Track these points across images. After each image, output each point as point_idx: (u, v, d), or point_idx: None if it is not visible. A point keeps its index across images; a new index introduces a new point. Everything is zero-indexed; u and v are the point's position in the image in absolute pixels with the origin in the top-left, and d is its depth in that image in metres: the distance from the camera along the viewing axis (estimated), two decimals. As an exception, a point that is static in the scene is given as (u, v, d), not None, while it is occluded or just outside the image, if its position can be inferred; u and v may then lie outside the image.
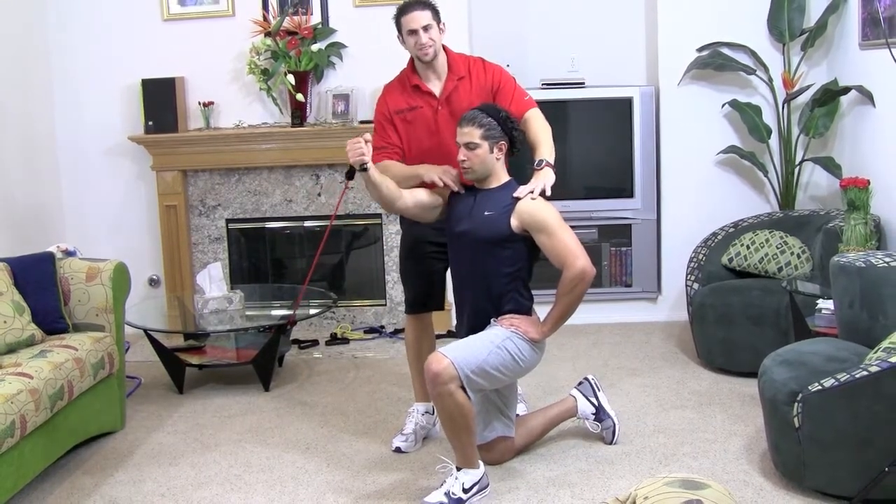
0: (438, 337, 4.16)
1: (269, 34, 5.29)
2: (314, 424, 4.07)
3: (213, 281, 4.77)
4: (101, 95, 5.48)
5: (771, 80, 5.15)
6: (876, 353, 3.11)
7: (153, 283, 5.63)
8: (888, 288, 3.33)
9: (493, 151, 3.32)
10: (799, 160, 5.09)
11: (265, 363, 4.52)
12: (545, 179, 3.32)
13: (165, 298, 5.37)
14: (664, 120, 5.33)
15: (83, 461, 3.78)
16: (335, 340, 5.26)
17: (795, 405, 3.11)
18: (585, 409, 3.72)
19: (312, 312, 4.76)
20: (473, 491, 3.25)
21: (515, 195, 3.30)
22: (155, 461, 3.76)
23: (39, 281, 3.90)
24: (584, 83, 5.38)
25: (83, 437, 3.81)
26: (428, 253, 3.68)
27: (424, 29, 3.48)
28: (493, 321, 3.36)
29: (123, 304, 4.07)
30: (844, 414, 3.02)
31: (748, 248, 4.69)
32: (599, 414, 3.72)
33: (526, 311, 3.39)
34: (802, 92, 5.04)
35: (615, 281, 5.47)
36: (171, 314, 5.07)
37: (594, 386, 3.76)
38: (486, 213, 3.33)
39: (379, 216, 5.40)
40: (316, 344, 5.23)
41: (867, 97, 4.57)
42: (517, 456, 3.60)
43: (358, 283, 5.63)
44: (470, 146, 3.31)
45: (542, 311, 3.43)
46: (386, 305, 5.50)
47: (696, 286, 4.67)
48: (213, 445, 3.90)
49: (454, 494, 3.21)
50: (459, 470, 3.27)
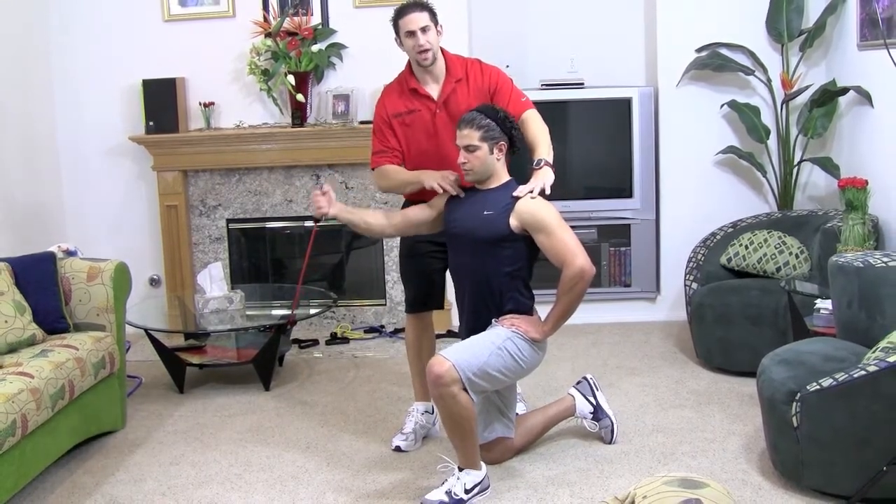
0: (438, 336, 4.15)
1: (269, 35, 5.29)
2: (314, 424, 4.07)
3: (213, 281, 4.76)
4: (101, 96, 5.48)
5: (769, 80, 5.15)
6: (874, 352, 3.11)
7: (154, 282, 5.63)
8: (886, 288, 3.32)
9: (492, 152, 3.32)
10: (797, 160, 5.09)
11: (265, 363, 4.51)
12: (544, 179, 3.32)
13: (166, 298, 5.37)
14: (663, 120, 5.33)
15: (84, 460, 3.78)
16: (335, 340, 5.26)
17: (794, 404, 3.11)
18: (583, 408, 3.72)
19: (312, 312, 4.76)
20: (475, 492, 3.25)
21: (515, 194, 3.30)
22: (155, 460, 3.76)
23: (40, 281, 3.89)
24: (583, 84, 5.39)
25: (84, 436, 3.81)
26: (428, 252, 3.68)
27: (423, 30, 3.47)
28: (493, 321, 3.35)
29: (124, 303, 4.06)
30: (843, 413, 3.02)
31: (747, 248, 4.68)
32: (597, 413, 3.72)
33: (527, 310, 3.38)
34: (801, 92, 5.04)
35: (614, 281, 5.47)
36: (171, 314, 5.07)
37: (592, 385, 3.76)
38: (485, 212, 3.32)
39: (379, 216, 5.39)
40: (316, 343, 5.23)
41: (865, 98, 4.57)
42: (516, 455, 3.60)
43: (358, 282, 5.63)
44: (469, 148, 3.30)
45: (542, 310, 3.43)
46: (386, 305, 5.50)
47: (694, 286, 4.67)
48: (213, 445, 3.89)
49: (455, 495, 3.21)
50: (461, 470, 3.27)
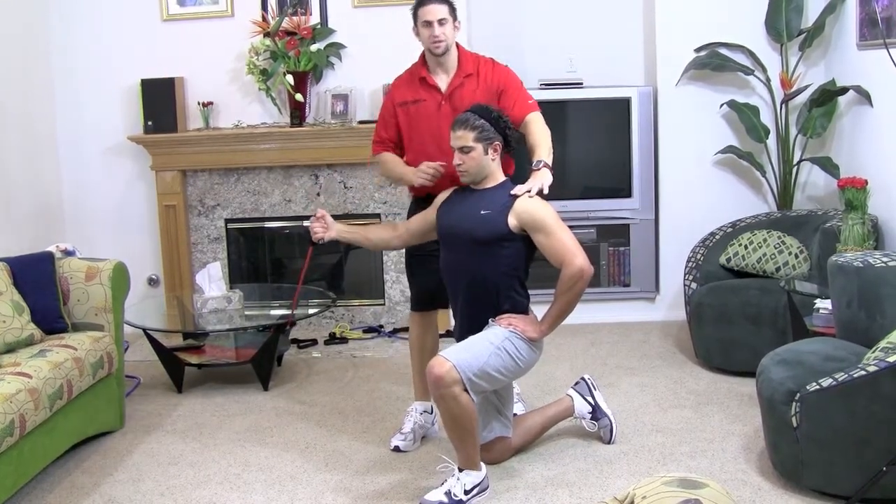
0: (440, 336, 4.13)
1: (268, 34, 5.28)
2: (313, 424, 4.06)
3: (212, 280, 4.76)
4: (100, 95, 5.47)
5: (769, 80, 5.14)
6: (874, 352, 3.10)
7: (152, 282, 5.62)
8: (886, 287, 3.32)
9: (487, 153, 3.32)
10: (797, 160, 5.08)
11: (264, 363, 4.51)
12: (542, 180, 3.32)
13: (164, 298, 5.35)
14: (662, 120, 5.32)
15: (82, 460, 3.77)
16: (334, 340, 5.25)
17: (793, 405, 3.10)
18: (582, 408, 3.72)
19: (311, 312, 4.76)
20: (474, 493, 3.24)
21: (512, 193, 3.30)
22: (154, 460, 3.75)
23: (38, 280, 3.88)
24: (582, 83, 5.38)
25: (82, 436, 3.80)
26: (434, 250, 3.66)
27: (440, 22, 3.52)
28: (490, 321, 3.35)
29: (122, 303, 4.06)
30: (842, 413, 3.01)
31: (746, 247, 4.68)
32: (596, 413, 3.71)
33: (523, 309, 3.38)
34: (800, 92, 5.03)
35: (613, 280, 5.47)
36: (170, 314, 5.06)
37: (590, 385, 3.76)
38: (482, 212, 3.32)
39: (378, 216, 5.39)
40: (315, 343, 5.22)
41: (865, 97, 4.56)
42: (515, 455, 3.59)
43: (357, 282, 5.62)
44: (464, 150, 3.30)
45: (538, 310, 3.42)
46: (385, 305, 5.49)
47: (694, 286, 4.66)
48: (211, 445, 3.89)
49: (455, 496, 3.20)
50: (461, 471, 3.26)
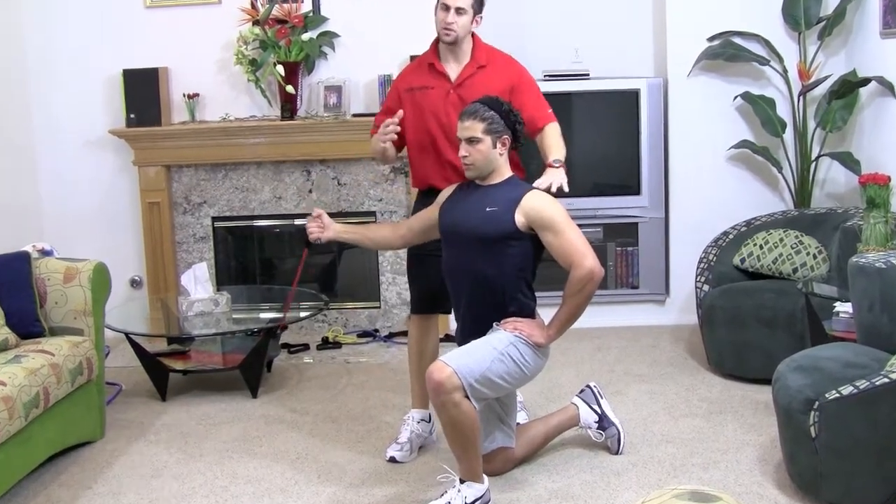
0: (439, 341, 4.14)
1: (257, 22, 5.28)
2: (304, 433, 4.06)
3: (198, 282, 4.75)
4: (80, 86, 5.46)
5: (786, 70, 5.13)
6: (897, 358, 3.10)
7: (135, 284, 5.61)
8: (910, 290, 3.31)
9: (495, 146, 3.32)
10: (815, 155, 5.08)
11: (253, 368, 4.51)
12: (561, 177, 3.36)
13: (148, 300, 5.36)
14: (673, 113, 5.32)
15: (60, 472, 3.76)
16: (327, 344, 5.25)
17: (812, 413, 3.10)
18: (588, 417, 3.72)
19: (303, 315, 4.75)
20: (475, 506, 3.25)
21: (535, 184, 3.33)
22: (136, 472, 3.74)
23: (14, 282, 3.87)
24: (588, 75, 5.38)
25: (60, 447, 3.79)
26: (436, 250, 3.66)
27: (457, 11, 3.55)
28: (495, 325, 3.34)
29: (103, 306, 4.05)
30: (863, 423, 3.00)
31: (761, 248, 4.67)
32: (603, 422, 3.71)
33: (529, 312, 3.38)
34: (819, 83, 5.02)
35: (621, 282, 5.47)
36: (153, 317, 5.05)
37: (596, 393, 3.76)
38: (488, 209, 3.32)
39: (373, 214, 5.39)
40: (306, 348, 5.22)
41: (888, 88, 4.56)
42: (518, 466, 3.59)
43: (351, 284, 5.62)
44: (472, 141, 3.30)
45: (545, 313, 3.41)
46: (380, 308, 5.49)
47: (706, 288, 4.66)
48: (197, 455, 3.88)
49: (455, 509, 3.21)
50: (463, 482, 3.26)
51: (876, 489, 3.01)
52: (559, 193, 3.32)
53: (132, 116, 5.28)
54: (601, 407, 3.72)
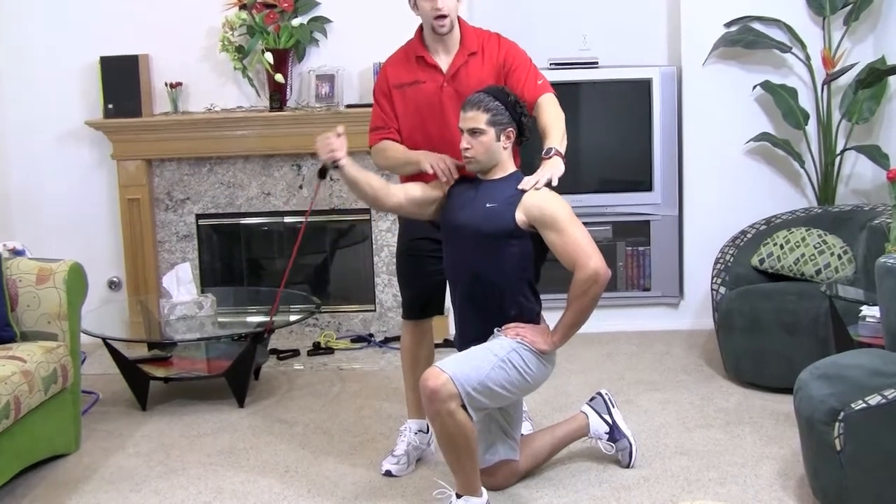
0: (435, 346, 4.13)
1: (244, 7, 5.27)
2: (294, 445, 4.05)
3: (181, 283, 4.75)
4: (54, 74, 5.44)
5: (809, 58, 5.13)
6: (927, 366, 3.09)
7: (113, 285, 5.61)
8: (941, 293, 3.30)
9: (499, 139, 3.32)
10: (840, 149, 5.08)
11: (239, 376, 4.50)
12: (553, 170, 3.31)
13: (127, 303, 5.35)
14: (687, 104, 5.32)
15: (31, 488, 3.75)
16: (318, 350, 5.25)
17: (836, 425, 3.08)
18: (598, 427, 3.71)
19: (293, 319, 4.75)
20: (474, 521, 3.24)
21: (520, 187, 3.30)
22: (114, 487, 3.74)
23: (-17, 283, 3.87)
24: (597, 63, 5.37)
25: (32, 460, 3.78)
26: (428, 251, 3.67)
27: None
28: (496, 331, 3.34)
29: (79, 309, 4.04)
30: (892, 435, 2.99)
31: (782, 247, 4.67)
32: (614, 433, 3.71)
33: (532, 317, 3.38)
34: (845, 72, 5.02)
35: (632, 284, 5.47)
36: (133, 321, 5.05)
37: (608, 402, 3.75)
38: (488, 205, 3.32)
39: (368, 211, 5.38)
40: (297, 354, 5.22)
41: (917, 78, 4.56)
42: (522, 480, 3.58)
43: (344, 286, 5.62)
44: (474, 132, 3.30)
45: (549, 317, 3.41)
46: (375, 311, 5.48)
47: (722, 290, 4.66)
48: (179, 469, 3.87)
49: (452, 525, 3.21)
50: (460, 497, 3.26)
51: (905, 506, 3.01)
52: (549, 187, 3.29)
53: (110, 107, 5.26)
54: (613, 417, 3.72)
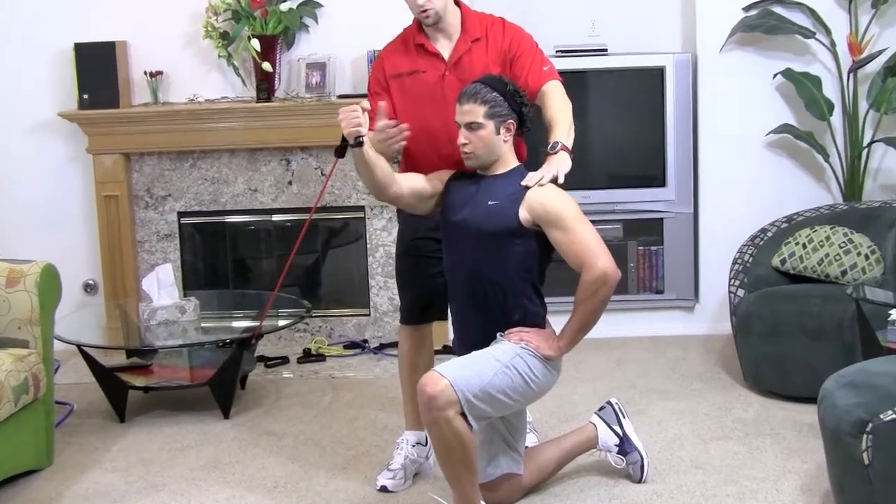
0: (435, 353, 4.13)
1: (229, -10, 5.26)
2: (283, 458, 4.05)
3: (161, 286, 4.75)
4: (25, 62, 5.43)
5: (834, 44, 5.13)
6: (961, 373, 3.08)
7: (89, 289, 5.60)
8: (976, 295, 3.29)
9: (499, 132, 3.32)
10: (867, 141, 5.08)
11: (224, 385, 4.50)
12: (559, 165, 3.31)
13: (104, 307, 5.34)
14: (703, 94, 5.32)
15: (2, 504, 3.75)
16: (309, 357, 5.25)
17: (864, 437, 3.07)
18: (607, 439, 3.71)
19: (282, 324, 4.75)
20: (473, 539, 3.25)
21: (523, 183, 3.29)
22: (89, 504, 3.73)
23: (-51, 286, 3.86)
24: (606, 50, 5.37)
25: (1, 477, 3.76)
26: (428, 251, 3.67)
27: None
28: (499, 335, 3.34)
29: (52, 314, 4.03)
30: (924, 447, 2.98)
31: (805, 247, 4.66)
32: (624, 445, 3.70)
33: (537, 321, 3.38)
34: (873, 58, 5.02)
35: (644, 286, 5.47)
36: (110, 326, 5.05)
37: (618, 412, 3.75)
38: (489, 202, 3.32)
39: (362, 209, 5.38)
40: (286, 362, 5.22)
41: (951, 64, 4.56)
42: (526, 496, 3.58)
43: (336, 288, 5.63)
44: (472, 126, 3.30)
45: (555, 321, 3.40)
46: (370, 315, 5.48)
47: (741, 293, 4.66)
48: (160, 485, 3.87)
49: (451, 544, 3.22)
50: (457, 513, 3.26)
51: (937, 523, 2.99)
52: (555, 184, 3.29)
53: (85, 97, 5.25)
54: (623, 428, 3.72)
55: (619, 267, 3.25)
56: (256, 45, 5.16)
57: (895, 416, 3.01)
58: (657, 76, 5.27)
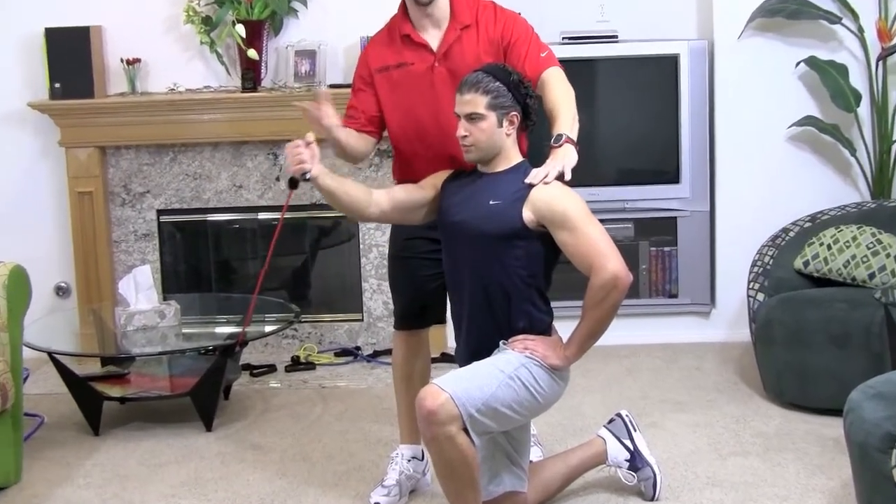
0: (432, 361, 4.13)
1: (212, -29, 5.27)
2: (270, 474, 4.05)
3: (139, 289, 4.75)
4: (-10, 49, 5.45)
5: (862, 30, 5.14)
6: None
7: (61, 292, 5.61)
8: None
9: (501, 125, 3.31)
10: (896, 135, 5.09)
11: (207, 395, 4.51)
12: (564, 160, 3.30)
13: (77, 312, 5.35)
14: (720, 84, 5.32)
15: (-33, 524, 3.75)
16: (297, 366, 5.26)
17: (894, 452, 3.05)
18: (617, 454, 3.71)
19: (268, 330, 4.76)
20: (475, 562, 3.25)
21: (527, 181, 3.29)
22: (61, 523, 3.74)
23: (-89, 289, 3.86)
24: (616, 37, 5.39)
25: (-34, 492, 3.79)
26: (423, 252, 3.67)
27: None
28: (502, 344, 3.33)
29: (21, 319, 4.03)
30: (958, 464, 2.97)
31: (830, 248, 4.66)
32: (635, 461, 3.71)
33: (543, 328, 3.37)
34: (902, 46, 5.04)
35: (656, 290, 5.48)
36: (84, 332, 5.04)
37: (629, 425, 3.75)
38: (491, 201, 3.31)
39: (354, 206, 5.37)
40: (273, 370, 5.23)
41: None
42: (531, 516, 3.58)
43: (327, 291, 5.65)
44: (473, 117, 3.29)
45: (563, 328, 3.39)
46: (363, 321, 5.49)
47: (760, 297, 4.66)
48: (137, 502, 3.87)
49: (450, 566, 3.22)
50: (458, 533, 3.27)
51: (973, 545, 2.98)
52: (560, 180, 3.28)
53: (57, 86, 5.25)
54: (634, 442, 3.72)
55: (630, 269, 3.23)
56: (241, 30, 5.17)
57: (927, 430, 3.02)
58: (671, 65, 5.28)
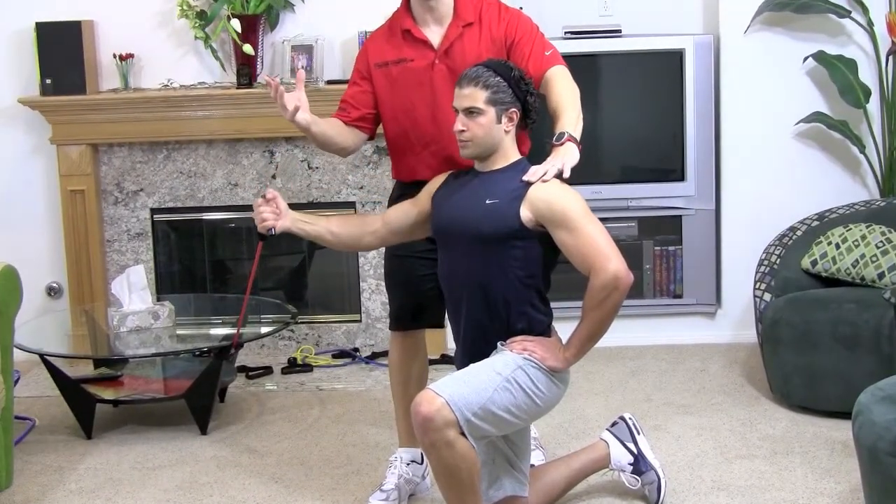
0: (431, 363, 4.14)
1: (206, -35, 5.28)
2: (266, 478, 4.06)
3: (133, 290, 4.76)
4: (-19, 44, 5.45)
5: (871, 24, 5.14)
6: None
7: (53, 292, 5.61)
8: None
9: (500, 121, 3.31)
10: (907, 131, 5.10)
11: (201, 398, 4.51)
12: (565, 158, 3.30)
13: (69, 313, 5.36)
14: (726, 79, 5.33)
15: (-44, 529, 3.76)
16: (294, 368, 5.27)
17: (903, 456, 3.06)
18: (621, 458, 3.71)
19: (265, 331, 4.77)
20: (475, 568, 3.25)
21: (525, 178, 3.28)
22: (52, 529, 3.75)
23: None
24: (620, 31, 5.38)
25: (-44, 498, 3.79)
26: (419, 251, 3.68)
27: None
28: (500, 345, 3.33)
29: (12, 320, 4.03)
30: (968, 468, 2.97)
31: (838, 247, 4.66)
32: (639, 464, 3.70)
33: (542, 329, 3.36)
34: (914, 40, 5.03)
35: (660, 290, 5.49)
36: (76, 334, 5.04)
37: (633, 428, 3.75)
38: (487, 200, 3.30)
39: (352, 205, 5.40)
40: (269, 372, 5.23)
41: None
42: (532, 521, 3.58)
43: (325, 292, 5.66)
44: (471, 112, 3.29)
45: (562, 330, 3.39)
46: (361, 322, 5.50)
47: (767, 297, 4.66)
48: (130, 508, 3.88)
49: (450, 572, 3.22)
50: (459, 540, 3.27)
51: (983, 551, 2.99)
52: (560, 178, 3.28)
53: (48, 82, 5.26)
54: (638, 445, 3.71)
55: (633, 269, 3.23)
56: (237, 25, 5.16)
57: (937, 433, 3.02)
58: (676, 60, 5.28)
